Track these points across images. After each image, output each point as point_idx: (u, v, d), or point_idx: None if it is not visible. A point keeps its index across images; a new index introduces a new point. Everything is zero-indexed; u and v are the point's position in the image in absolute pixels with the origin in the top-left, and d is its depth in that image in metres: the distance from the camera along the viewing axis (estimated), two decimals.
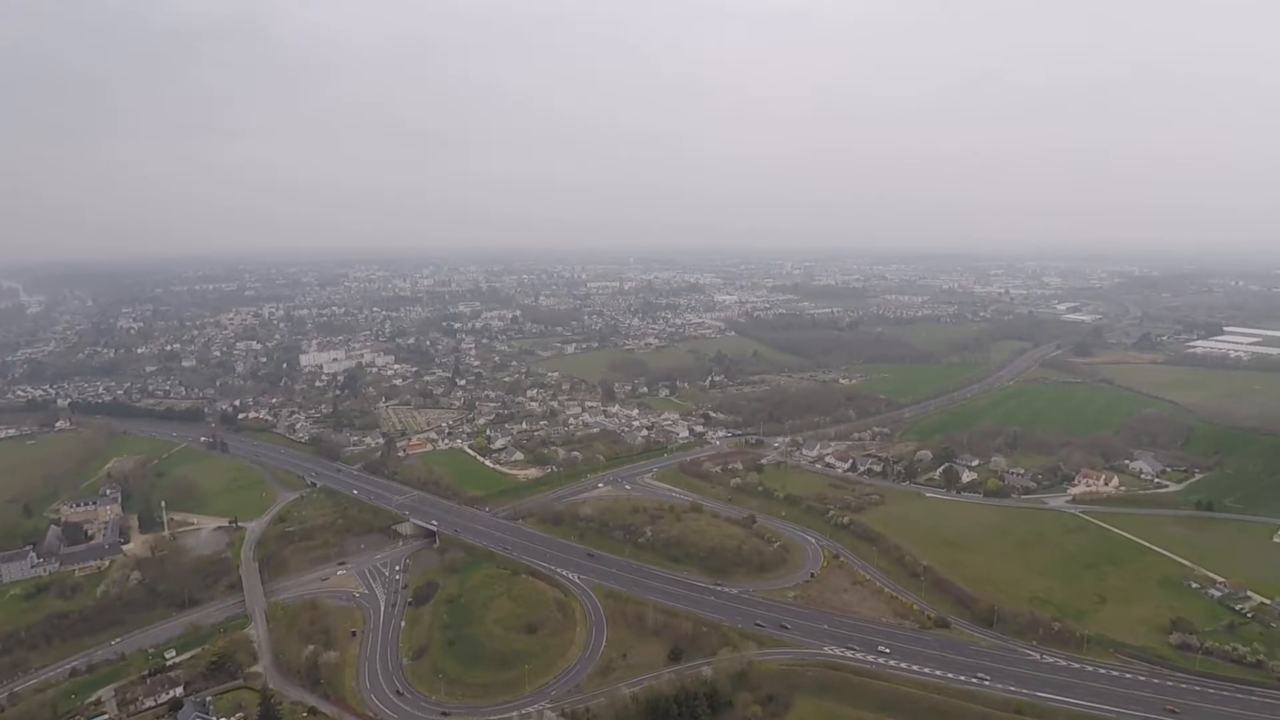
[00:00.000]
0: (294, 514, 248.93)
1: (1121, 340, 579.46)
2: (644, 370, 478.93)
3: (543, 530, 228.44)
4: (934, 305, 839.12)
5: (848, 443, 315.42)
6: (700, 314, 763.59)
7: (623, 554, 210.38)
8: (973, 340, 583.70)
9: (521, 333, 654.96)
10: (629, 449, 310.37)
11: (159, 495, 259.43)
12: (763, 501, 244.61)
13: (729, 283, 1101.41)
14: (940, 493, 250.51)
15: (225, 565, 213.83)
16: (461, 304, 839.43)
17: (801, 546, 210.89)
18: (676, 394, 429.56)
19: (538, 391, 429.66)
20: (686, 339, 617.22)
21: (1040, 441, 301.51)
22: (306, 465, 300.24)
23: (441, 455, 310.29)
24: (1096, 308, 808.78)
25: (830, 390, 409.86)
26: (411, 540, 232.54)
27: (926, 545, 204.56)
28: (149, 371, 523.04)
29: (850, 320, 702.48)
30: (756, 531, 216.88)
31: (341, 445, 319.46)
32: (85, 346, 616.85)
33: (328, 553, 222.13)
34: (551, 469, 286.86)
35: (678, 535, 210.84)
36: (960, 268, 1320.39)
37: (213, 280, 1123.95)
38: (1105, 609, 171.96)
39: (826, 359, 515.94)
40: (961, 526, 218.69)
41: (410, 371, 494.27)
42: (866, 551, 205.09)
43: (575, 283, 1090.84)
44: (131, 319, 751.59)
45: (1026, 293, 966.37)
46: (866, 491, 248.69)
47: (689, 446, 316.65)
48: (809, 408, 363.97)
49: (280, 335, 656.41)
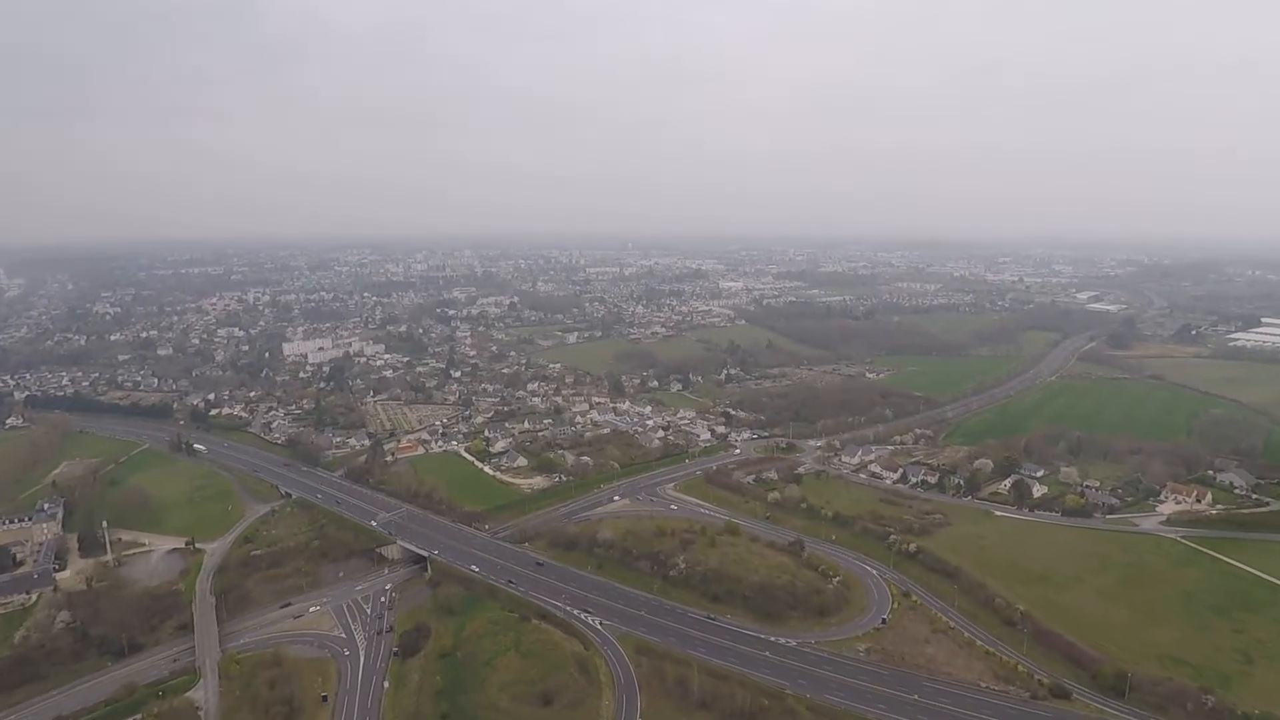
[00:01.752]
0: (263, 533, 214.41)
1: (1157, 332, 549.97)
2: (653, 362, 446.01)
3: (554, 557, 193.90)
4: (948, 293, 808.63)
5: (889, 447, 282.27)
6: (707, 301, 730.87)
7: (651, 589, 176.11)
8: (998, 330, 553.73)
9: (520, 320, 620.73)
10: (645, 454, 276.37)
11: (107, 509, 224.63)
12: (807, 521, 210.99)
13: (732, 269, 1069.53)
14: (1011, 511, 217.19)
15: (175, 600, 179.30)
16: (456, 289, 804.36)
17: (863, 581, 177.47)
18: (690, 389, 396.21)
19: (539, 385, 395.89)
20: (695, 328, 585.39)
21: (1105, 447, 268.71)
22: (282, 472, 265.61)
23: (434, 460, 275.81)
24: (1118, 297, 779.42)
25: (859, 386, 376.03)
26: (399, 567, 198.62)
27: (1013, 581, 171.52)
28: (121, 360, 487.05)
29: (865, 309, 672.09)
30: (807, 561, 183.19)
31: (322, 448, 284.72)
32: (56, 333, 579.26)
33: (299, 583, 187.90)
34: (559, 478, 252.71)
35: (716, 567, 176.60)
36: (964, 255, 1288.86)
37: (199, 264, 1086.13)
38: (1255, 672, 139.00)
39: (846, 350, 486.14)
40: (1047, 555, 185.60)
41: (401, 362, 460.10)
42: (942, 588, 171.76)
43: (574, 269, 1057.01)
44: (109, 304, 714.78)
45: (1041, 281, 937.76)
46: (926, 509, 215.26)
47: (712, 451, 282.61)
48: (840, 406, 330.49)
49: (265, 322, 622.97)
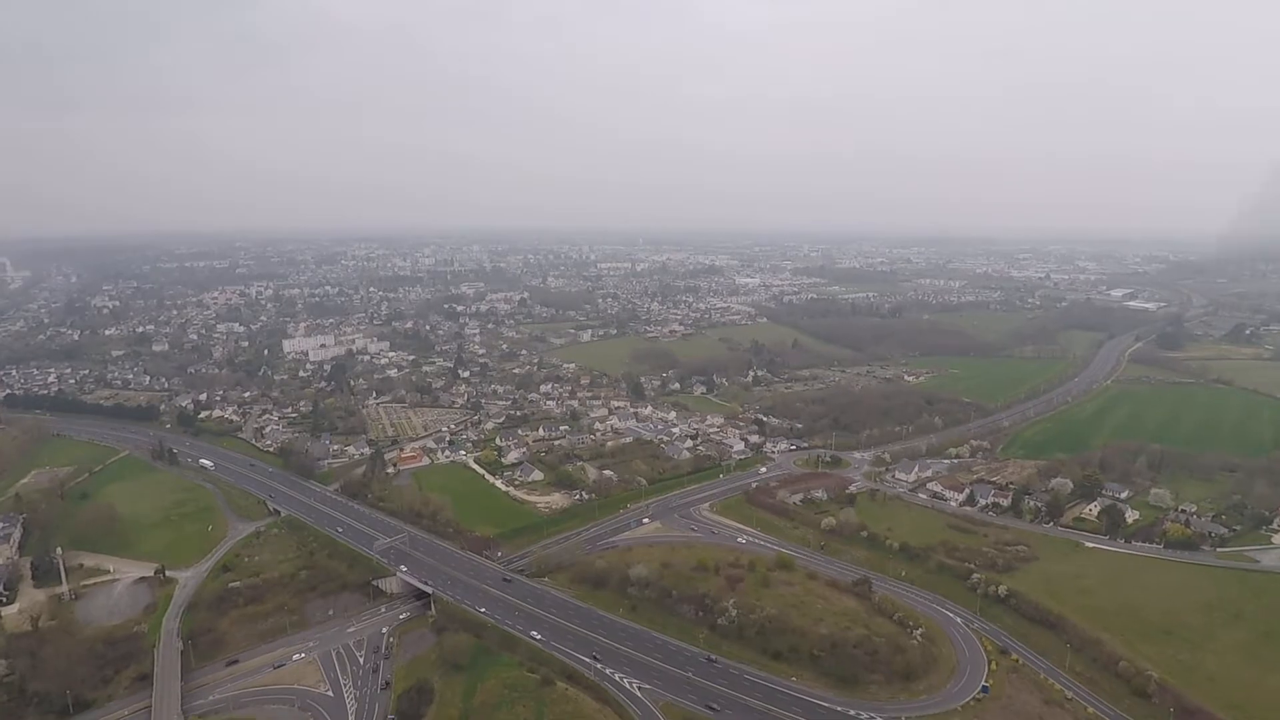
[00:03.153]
0: (244, 560, 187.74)
1: (1208, 332, 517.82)
2: (673, 362, 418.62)
3: (579, 596, 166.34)
4: (975, 290, 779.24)
5: (945, 461, 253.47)
6: (725, 298, 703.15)
7: (696, 641, 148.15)
8: (1037, 330, 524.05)
9: (530, 317, 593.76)
10: (674, 467, 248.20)
11: (71, 529, 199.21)
12: (870, 553, 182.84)
13: (747, 265, 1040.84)
14: (1103, 541, 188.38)
15: (136, 645, 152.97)
16: (464, 284, 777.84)
17: (947, 633, 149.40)
18: (715, 391, 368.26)
19: (553, 386, 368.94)
20: (714, 325, 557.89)
21: (1192, 462, 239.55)
22: (272, 484, 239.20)
23: (441, 472, 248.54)
24: (1154, 294, 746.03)
25: (902, 391, 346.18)
26: (398, 603, 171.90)
27: (1132, 635, 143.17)
28: (114, 356, 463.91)
29: (891, 306, 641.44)
30: (879, 606, 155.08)
31: (317, 458, 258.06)
32: (50, 327, 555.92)
33: (283, 622, 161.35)
34: (580, 495, 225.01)
35: (775, 614, 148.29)
36: (982, 252, 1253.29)
37: (205, 257, 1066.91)
38: None
39: (877, 350, 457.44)
40: (1164, 601, 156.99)
41: (406, 360, 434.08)
42: (1046, 643, 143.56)
43: (584, 263, 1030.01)
44: (109, 297, 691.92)
45: (1068, 278, 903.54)
46: (1005, 539, 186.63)
47: (748, 464, 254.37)
48: (884, 414, 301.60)
49: (266, 317, 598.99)
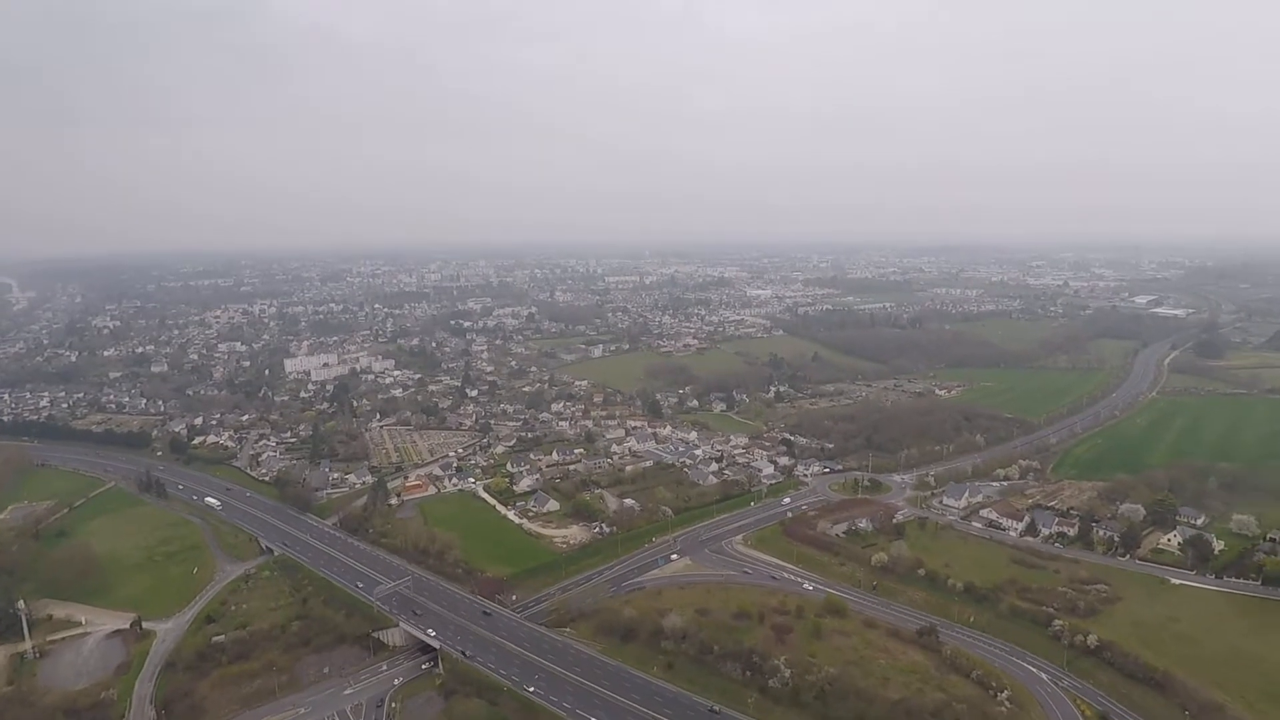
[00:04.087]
0: (231, 608, 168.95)
1: (1246, 339, 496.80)
2: (689, 377, 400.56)
3: (606, 651, 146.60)
4: (994, 299, 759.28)
5: (994, 484, 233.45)
6: (737, 310, 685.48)
7: (745, 707, 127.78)
8: (1066, 339, 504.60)
9: (539, 332, 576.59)
10: (700, 494, 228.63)
11: (44, 573, 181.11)
12: (929, 594, 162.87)
13: (757, 276, 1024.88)
14: (1189, 577, 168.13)
15: (103, 715, 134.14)
16: (471, 300, 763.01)
17: (1033, 693, 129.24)
18: (736, 409, 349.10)
19: (565, 405, 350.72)
20: (729, 339, 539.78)
21: (1267, 483, 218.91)
22: (266, 518, 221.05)
23: (448, 503, 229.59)
24: (1179, 301, 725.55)
25: (935, 406, 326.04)
26: (401, 658, 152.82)
27: (1254, 695, 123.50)
28: (111, 378, 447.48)
29: (910, 316, 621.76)
30: (951, 661, 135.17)
31: (315, 488, 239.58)
32: (49, 349, 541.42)
33: (271, 684, 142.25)
34: (600, 528, 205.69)
35: (835, 674, 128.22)
36: (993, 260, 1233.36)
37: (210, 275, 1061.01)
38: None
39: (902, 363, 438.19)
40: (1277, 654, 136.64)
41: (412, 379, 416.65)
42: (1154, 707, 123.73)
43: (592, 277, 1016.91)
44: (110, 317, 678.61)
45: (1087, 285, 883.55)
46: (1081, 576, 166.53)
47: (780, 490, 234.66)
48: (920, 431, 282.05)
49: (269, 336, 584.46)
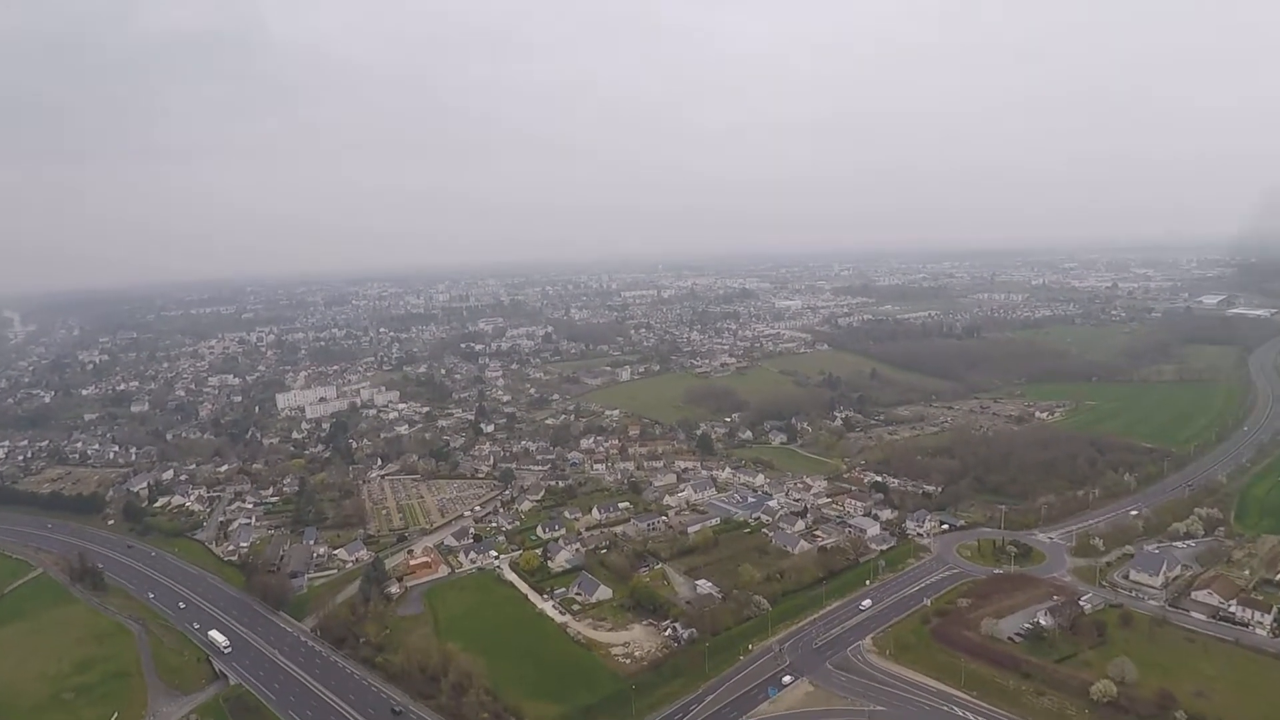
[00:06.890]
0: None
1: None
2: (735, 403, 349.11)
3: None
4: (1046, 304, 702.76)
5: (1179, 543, 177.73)
6: (770, 323, 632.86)
7: None
8: (1151, 346, 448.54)
9: (558, 354, 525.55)
10: (795, 570, 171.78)
11: None
12: None
13: (781, 287, 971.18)
14: None
15: None
16: (482, 320, 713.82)
17: None
18: (799, 440, 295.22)
19: (597, 441, 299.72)
20: (769, 355, 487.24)
21: None
22: (227, 619, 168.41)
23: (465, 591, 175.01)
24: (1250, 300, 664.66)
25: (1049, 435, 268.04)
26: None
27: None
28: (86, 421, 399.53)
29: (964, 325, 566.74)
30: None
31: (294, 573, 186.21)
32: (24, 388, 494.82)
33: None
34: (672, 628, 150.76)
35: None
36: (1019, 263, 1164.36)
37: (213, 303, 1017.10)
38: None
39: (974, 378, 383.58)
40: None
41: (419, 413, 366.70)
42: None
43: (607, 293, 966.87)
44: (99, 350, 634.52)
45: (1138, 285, 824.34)
46: None
47: (897, 560, 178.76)
48: (1045, 468, 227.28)
49: (265, 366, 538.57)
